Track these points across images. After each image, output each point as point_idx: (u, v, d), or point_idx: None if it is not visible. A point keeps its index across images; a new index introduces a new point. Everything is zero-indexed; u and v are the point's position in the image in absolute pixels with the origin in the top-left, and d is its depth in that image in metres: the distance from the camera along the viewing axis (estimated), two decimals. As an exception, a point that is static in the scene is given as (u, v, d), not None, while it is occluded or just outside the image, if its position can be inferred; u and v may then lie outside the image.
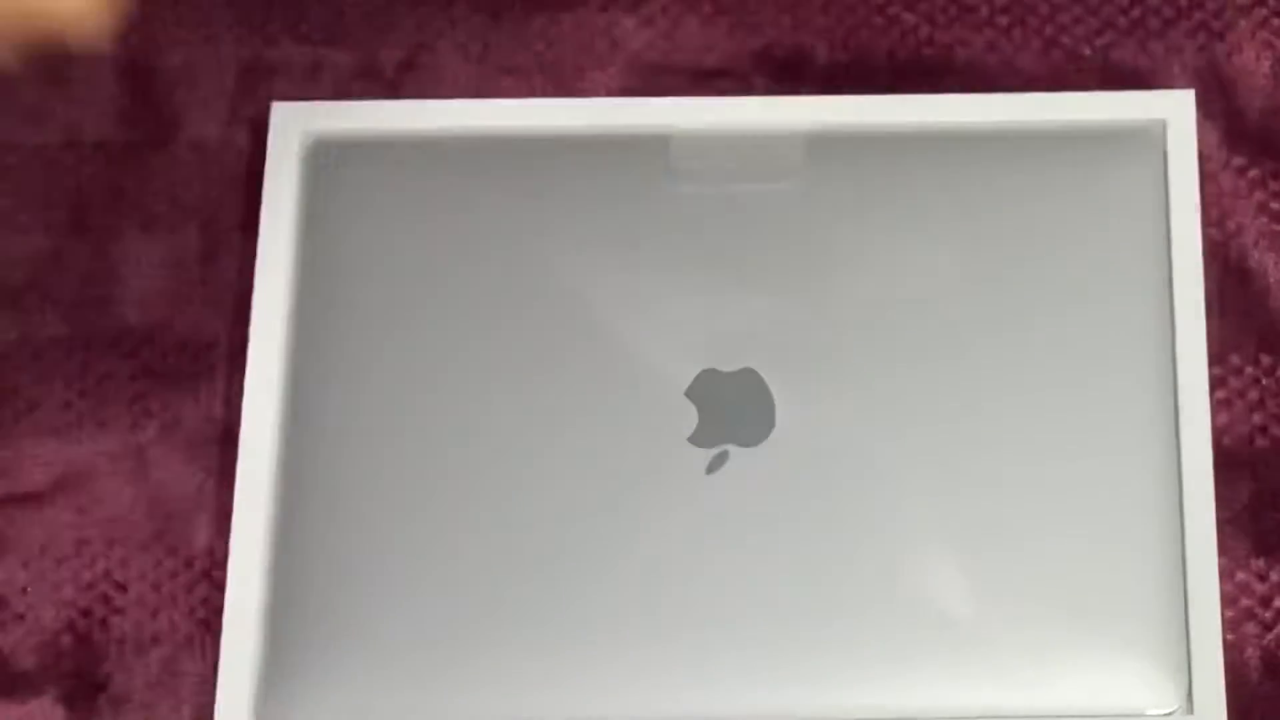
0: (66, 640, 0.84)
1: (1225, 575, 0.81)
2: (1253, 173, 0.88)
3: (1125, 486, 0.73)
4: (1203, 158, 0.86)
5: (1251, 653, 0.80)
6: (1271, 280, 0.86)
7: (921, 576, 0.72)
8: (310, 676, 0.75)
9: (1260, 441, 0.83)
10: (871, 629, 0.72)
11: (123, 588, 0.84)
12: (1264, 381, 0.84)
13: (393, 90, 0.90)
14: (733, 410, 0.73)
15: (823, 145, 0.78)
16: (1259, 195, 0.87)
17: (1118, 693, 0.72)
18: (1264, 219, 0.87)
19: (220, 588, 0.81)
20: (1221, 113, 0.88)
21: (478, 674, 0.73)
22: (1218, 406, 0.83)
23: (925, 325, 0.75)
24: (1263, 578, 0.81)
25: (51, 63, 0.70)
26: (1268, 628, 0.81)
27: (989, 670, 0.72)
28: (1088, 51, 0.88)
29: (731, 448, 0.73)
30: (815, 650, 0.71)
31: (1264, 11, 0.90)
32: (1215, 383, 0.83)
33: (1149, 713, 0.72)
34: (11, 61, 0.68)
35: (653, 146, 0.80)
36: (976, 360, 0.75)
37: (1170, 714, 0.72)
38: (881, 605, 0.72)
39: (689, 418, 0.73)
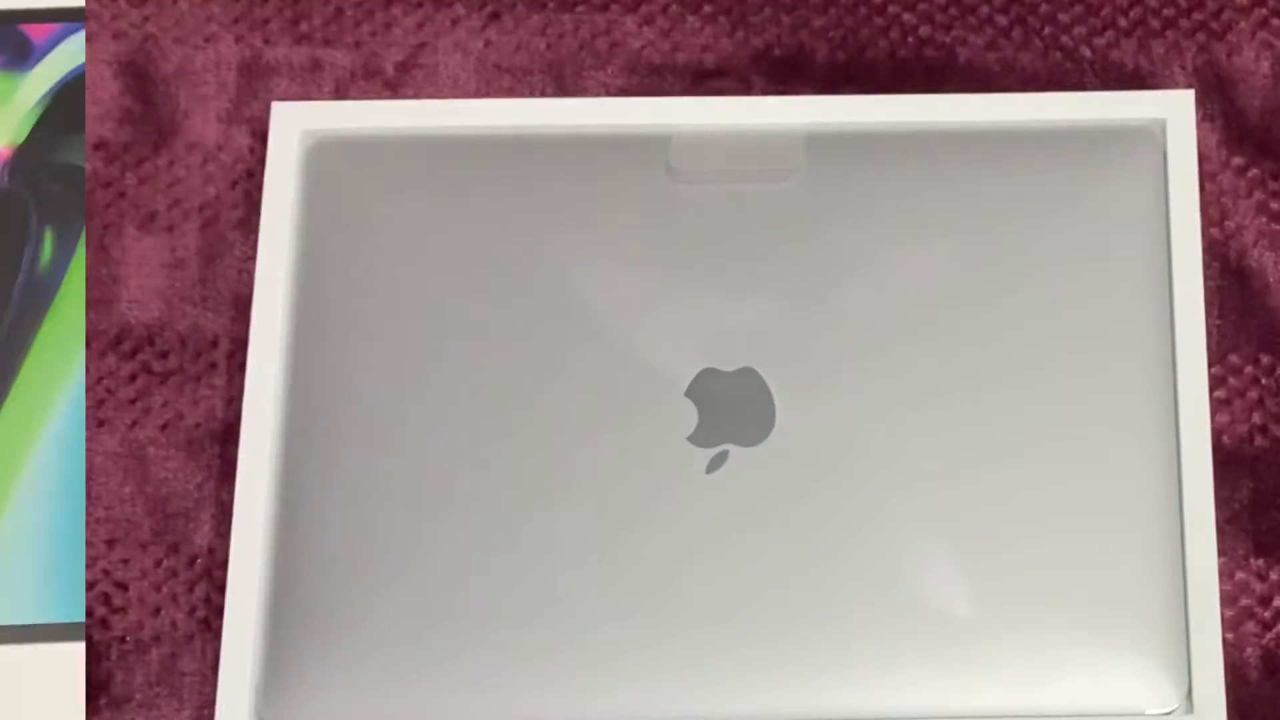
0: (67, 640, 0.84)
1: (1225, 575, 0.81)
2: (1252, 172, 0.88)
3: (1125, 486, 0.74)
4: (1202, 157, 0.86)
5: (1251, 652, 0.80)
6: (1271, 280, 0.86)
7: (921, 576, 0.72)
8: (311, 676, 0.75)
9: (1260, 441, 0.84)
10: (871, 629, 0.72)
11: (123, 587, 0.84)
12: (1264, 381, 0.84)
13: (393, 90, 0.90)
14: (732, 410, 0.73)
15: (822, 145, 0.78)
16: (1258, 195, 0.87)
17: (1118, 692, 0.72)
18: (1263, 219, 0.87)
19: (221, 587, 0.81)
20: (1221, 113, 0.88)
21: (477, 674, 0.72)
22: (1217, 406, 0.83)
23: (925, 325, 0.75)
24: (1262, 577, 0.82)
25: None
26: (1267, 627, 0.81)
27: (988, 670, 0.72)
28: (1088, 53, 0.88)
29: (731, 447, 0.73)
30: (814, 650, 0.72)
31: (1264, 11, 0.90)
32: (1215, 382, 0.83)
33: (1149, 712, 0.73)
34: None
35: (653, 146, 0.79)
36: (976, 360, 0.74)
37: (1170, 713, 0.73)
38: (881, 605, 0.72)
39: (689, 417, 0.73)
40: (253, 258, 0.84)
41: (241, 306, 0.86)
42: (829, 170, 0.77)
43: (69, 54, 0.82)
